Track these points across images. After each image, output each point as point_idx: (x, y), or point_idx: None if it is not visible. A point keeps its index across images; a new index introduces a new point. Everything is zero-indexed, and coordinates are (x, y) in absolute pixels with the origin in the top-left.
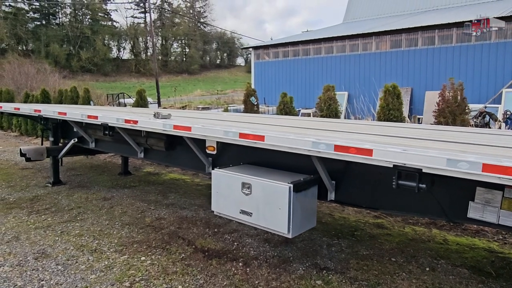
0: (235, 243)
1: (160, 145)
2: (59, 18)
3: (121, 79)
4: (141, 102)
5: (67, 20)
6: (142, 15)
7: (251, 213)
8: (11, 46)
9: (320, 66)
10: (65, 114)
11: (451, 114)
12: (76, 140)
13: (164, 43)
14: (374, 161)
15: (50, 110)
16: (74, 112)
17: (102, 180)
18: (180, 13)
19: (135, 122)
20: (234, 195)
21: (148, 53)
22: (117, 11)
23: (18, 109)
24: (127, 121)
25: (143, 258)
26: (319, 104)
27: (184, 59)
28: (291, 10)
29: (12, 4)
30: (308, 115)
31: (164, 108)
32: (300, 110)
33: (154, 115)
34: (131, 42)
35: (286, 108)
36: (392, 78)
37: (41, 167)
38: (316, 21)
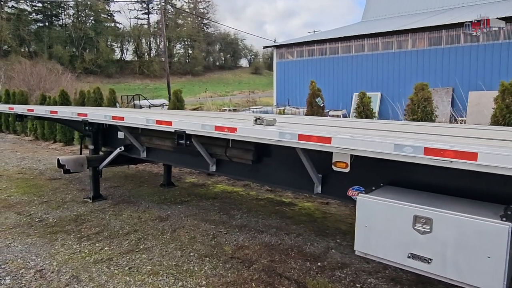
0: (358, 286)
1: (245, 157)
2: (62, 19)
3: (125, 81)
4: (177, 103)
5: (70, 21)
6: (146, 16)
7: (429, 259)
8: (13, 48)
9: (350, 65)
10: (122, 119)
11: None
12: (122, 148)
13: (167, 44)
14: None
15: (101, 114)
16: (137, 117)
17: (145, 193)
18: (187, 11)
19: (233, 130)
20: (399, 232)
21: (152, 55)
22: (120, 12)
23: (56, 112)
24: (218, 128)
25: None
26: (410, 106)
27: (188, 60)
28: (291, 11)
29: (15, 5)
30: (338, 116)
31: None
32: (328, 112)
33: (256, 120)
34: (135, 44)
35: (366, 111)
36: (431, 77)
37: (71, 177)
38: (317, 23)
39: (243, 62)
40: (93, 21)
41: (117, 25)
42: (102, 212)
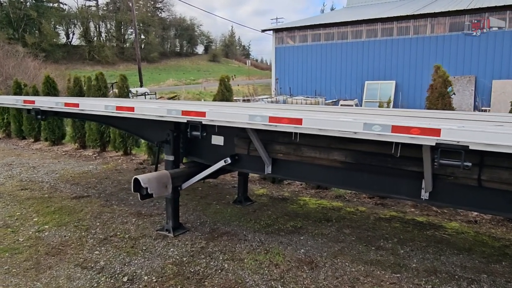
0: None
1: None
2: None
3: (74, 67)
4: (226, 93)
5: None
6: None
7: None
8: None
9: (361, 52)
10: (299, 122)
11: None
12: (228, 161)
13: (119, 28)
14: None
15: (242, 115)
16: (343, 121)
17: (230, 215)
18: None
19: None
20: None
21: (102, 39)
22: None
23: (132, 109)
24: None
25: None
26: None
27: (142, 46)
28: None
29: None
30: (350, 106)
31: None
32: (339, 101)
33: None
34: (83, 27)
35: None
36: (451, 65)
37: (99, 192)
38: (267, 10)
39: (200, 49)
40: (33, 0)
41: (62, 6)
42: (209, 256)
